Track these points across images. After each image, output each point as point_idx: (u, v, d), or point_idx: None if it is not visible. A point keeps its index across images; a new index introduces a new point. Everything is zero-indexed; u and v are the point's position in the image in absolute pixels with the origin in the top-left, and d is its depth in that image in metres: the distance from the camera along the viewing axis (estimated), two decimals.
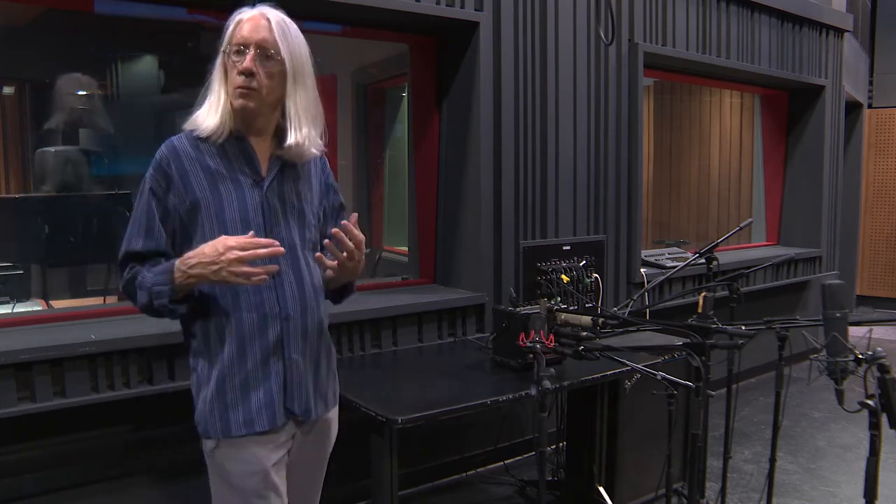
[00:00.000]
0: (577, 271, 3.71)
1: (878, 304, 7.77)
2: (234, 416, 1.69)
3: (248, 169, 1.73)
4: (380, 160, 5.06)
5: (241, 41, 1.67)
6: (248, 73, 1.65)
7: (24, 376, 2.34)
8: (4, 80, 4.21)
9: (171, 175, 1.69)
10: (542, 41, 3.60)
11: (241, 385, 1.70)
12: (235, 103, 1.68)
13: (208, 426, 1.71)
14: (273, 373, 1.72)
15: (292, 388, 1.74)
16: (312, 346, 1.79)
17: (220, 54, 1.71)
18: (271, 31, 1.68)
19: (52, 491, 2.51)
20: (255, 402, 1.70)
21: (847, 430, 4.21)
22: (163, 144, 1.73)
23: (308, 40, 1.81)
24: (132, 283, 1.70)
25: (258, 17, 1.69)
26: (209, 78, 1.73)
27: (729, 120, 6.33)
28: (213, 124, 1.68)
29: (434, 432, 3.43)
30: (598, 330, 2.40)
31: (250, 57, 1.65)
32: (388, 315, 3.13)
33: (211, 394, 1.71)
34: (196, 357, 1.76)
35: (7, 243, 3.34)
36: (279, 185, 1.76)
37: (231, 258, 1.57)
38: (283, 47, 1.68)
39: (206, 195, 1.69)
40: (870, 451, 1.77)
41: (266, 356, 1.71)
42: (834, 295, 1.85)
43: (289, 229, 1.75)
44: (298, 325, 1.74)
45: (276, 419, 1.72)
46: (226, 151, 1.72)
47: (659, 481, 3.01)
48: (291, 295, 1.73)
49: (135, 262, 1.71)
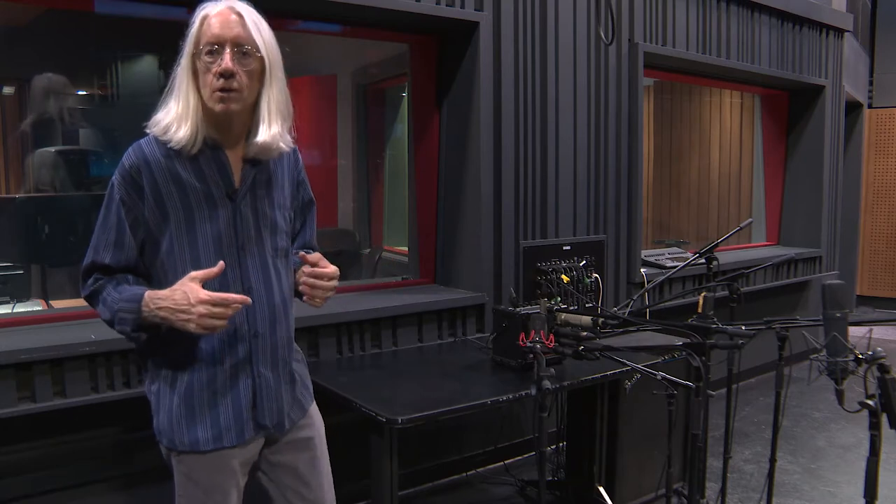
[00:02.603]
0: (577, 271, 3.71)
1: (878, 304, 7.77)
2: (202, 432, 1.67)
3: (222, 181, 1.66)
4: (380, 160, 5.07)
5: (214, 39, 1.56)
6: (228, 75, 1.55)
7: (24, 376, 2.34)
8: (4, 80, 4.21)
9: (143, 186, 1.61)
10: (542, 41, 3.60)
11: (209, 400, 1.67)
12: (217, 108, 1.58)
13: (175, 440, 1.68)
14: (241, 388, 1.69)
15: (262, 403, 1.72)
16: (284, 360, 1.77)
17: (185, 56, 1.59)
18: (245, 27, 1.58)
19: (52, 491, 2.51)
20: (223, 417, 1.68)
21: (847, 430, 4.21)
22: (130, 148, 1.64)
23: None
24: (96, 297, 1.66)
25: (227, 12, 1.58)
26: (171, 81, 1.61)
27: (729, 120, 6.33)
28: (185, 136, 1.58)
29: (434, 432, 3.43)
30: (598, 330, 2.40)
31: (229, 56, 1.55)
32: (388, 315, 3.13)
33: (177, 407, 1.67)
34: (162, 371, 1.71)
35: (7, 243, 3.34)
36: (252, 196, 1.69)
37: (201, 313, 1.53)
38: (259, 42, 1.59)
39: (177, 211, 1.62)
40: (870, 451, 1.77)
41: (235, 372, 1.69)
42: (834, 295, 1.85)
43: (261, 242, 1.71)
44: (268, 341, 1.71)
45: (244, 434, 1.70)
46: (199, 162, 1.64)
47: (659, 481, 3.02)
48: (261, 312, 1.70)
49: (101, 273, 1.66)
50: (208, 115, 1.61)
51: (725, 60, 4.65)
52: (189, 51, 1.59)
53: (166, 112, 1.60)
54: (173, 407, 1.68)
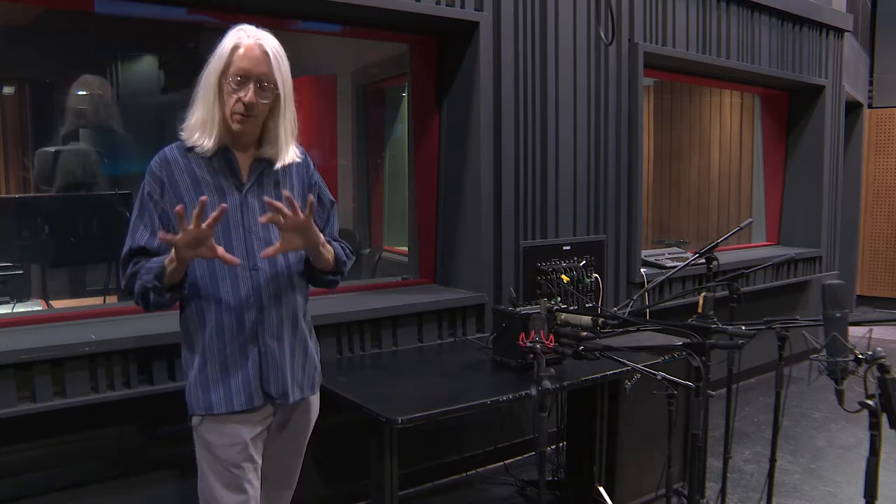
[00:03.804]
0: (577, 271, 3.71)
1: (878, 304, 7.77)
2: (214, 395, 1.89)
3: (231, 177, 1.91)
4: (380, 160, 5.07)
5: (243, 73, 1.81)
6: (250, 106, 1.82)
7: (24, 376, 2.34)
8: (4, 80, 4.21)
9: (163, 181, 1.88)
10: (542, 41, 3.60)
11: (220, 367, 1.89)
12: (234, 127, 1.85)
13: (193, 403, 1.92)
14: (250, 357, 1.90)
15: (268, 373, 1.91)
16: (289, 335, 1.96)
17: (213, 72, 1.83)
18: (270, 65, 1.83)
19: (52, 491, 2.51)
20: (234, 383, 1.89)
21: (847, 430, 4.21)
22: (156, 154, 1.93)
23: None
24: (134, 278, 1.85)
25: (255, 48, 1.82)
26: (198, 88, 1.86)
27: (729, 120, 6.33)
28: (211, 145, 1.86)
29: (434, 432, 3.43)
30: (598, 330, 2.40)
31: (252, 92, 1.81)
32: (388, 315, 3.13)
33: (195, 375, 1.91)
34: (185, 343, 1.97)
35: (7, 243, 3.34)
36: (259, 190, 1.93)
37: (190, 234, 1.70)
38: (278, 79, 1.85)
39: (191, 198, 1.85)
40: (870, 451, 1.77)
41: (244, 342, 1.89)
42: (834, 295, 1.85)
43: (267, 228, 1.91)
44: (272, 314, 1.91)
45: (252, 400, 1.90)
46: (212, 162, 1.90)
47: (659, 481, 3.02)
48: (266, 288, 1.90)
49: (139, 256, 1.86)
50: (227, 126, 1.88)
51: (725, 60, 4.65)
52: (217, 70, 1.83)
53: (195, 118, 1.87)
54: (194, 373, 1.91)
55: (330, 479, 3.15)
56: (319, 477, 3.09)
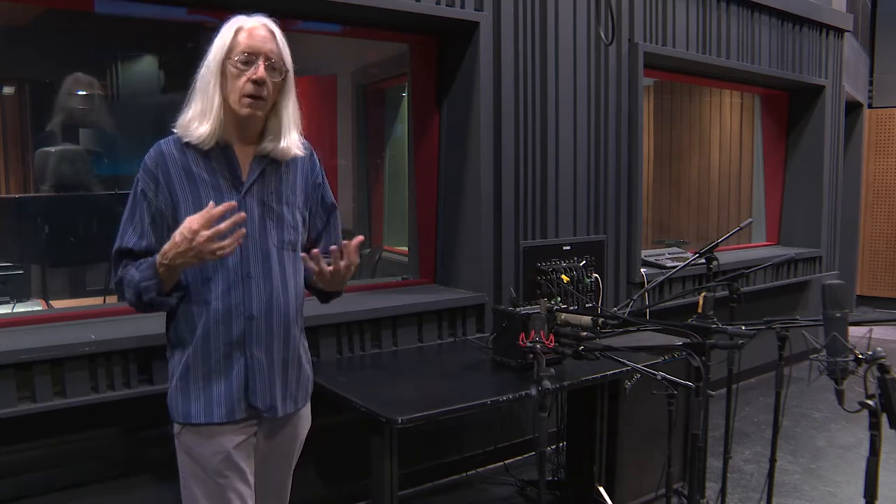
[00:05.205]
0: (577, 271, 3.71)
1: (878, 304, 7.77)
2: (195, 405, 1.80)
3: (230, 175, 1.81)
4: (380, 160, 5.07)
5: (251, 50, 1.73)
6: (261, 82, 1.73)
7: (24, 376, 2.34)
8: (4, 80, 4.22)
9: (158, 177, 1.78)
10: (542, 41, 3.60)
11: (203, 375, 1.80)
12: (243, 111, 1.75)
13: (173, 410, 1.84)
14: (235, 368, 1.80)
15: (255, 384, 1.82)
16: (279, 346, 1.85)
17: (214, 60, 1.75)
18: (276, 44, 1.77)
19: (52, 491, 2.51)
20: (216, 393, 1.80)
21: (847, 430, 4.21)
22: (151, 148, 1.82)
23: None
24: (122, 282, 1.79)
25: (261, 28, 1.76)
26: (195, 82, 1.78)
27: (729, 120, 6.33)
28: (204, 132, 1.75)
29: (434, 432, 3.43)
30: (598, 330, 2.40)
31: (262, 67, 1.73)
32: (388, 315, 3.13)
33: (176, 381, 1.83)
34: (170, 346, 1.87)
35: (7, 243, 3.34)
36: (258, 189, 1.83)
37: (201, 241, 1.62)
38: (286, 59, 1.79)
39: (186, 196, 1.77)
40: (870, 451, 1.77)
41: (229, 351, 1.80)
42: (834, 295, 1.85)
43: (265, 232, 1.82)
44: (262, 325, 1.81)
45: (234, 413, 1.80)
46: (210, 158, 1.80)
47: (659, 481, 3.02)
48: (257, 296, 1.80)
49: (127, 258, 1.80)
50: (229, 116, 1.78)
51: (725, 60, 4.65)
52: (219, 56, 1.74)
53: (192, 111, 1.77)
54: (175, 379, 1.83)
55: (330, 479, 3.15)
56: (319, 477, 3.09)
